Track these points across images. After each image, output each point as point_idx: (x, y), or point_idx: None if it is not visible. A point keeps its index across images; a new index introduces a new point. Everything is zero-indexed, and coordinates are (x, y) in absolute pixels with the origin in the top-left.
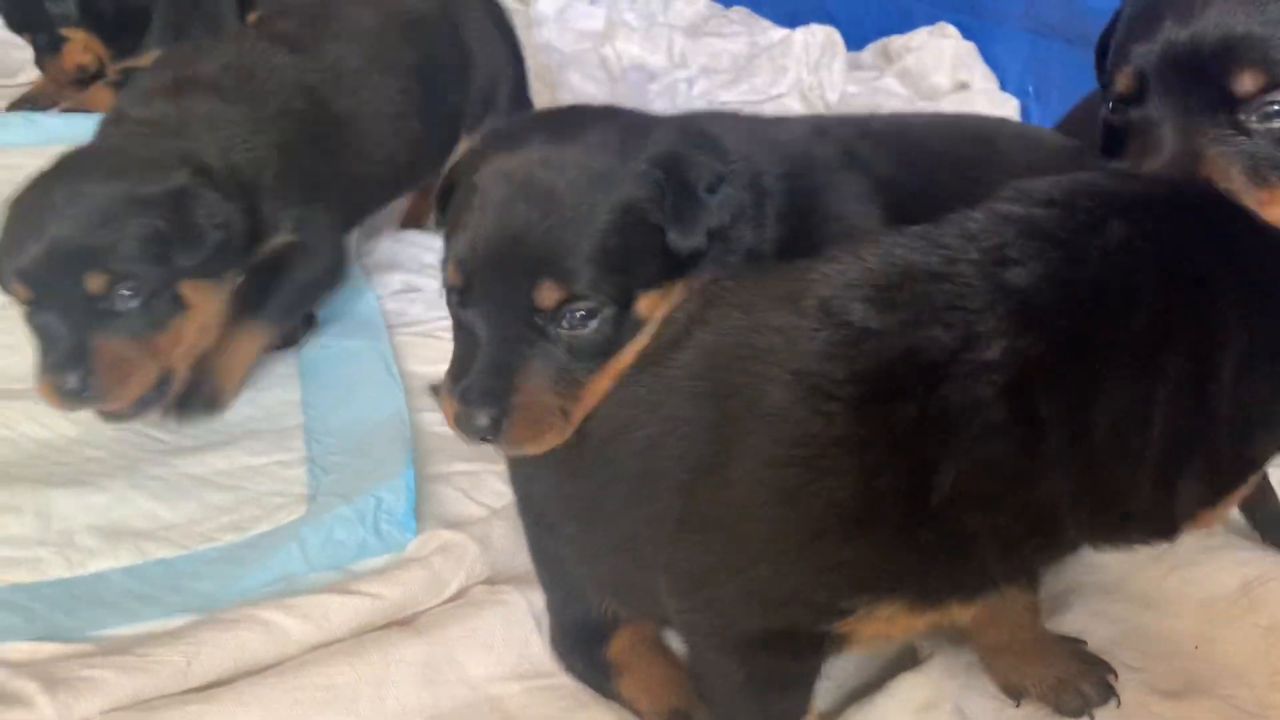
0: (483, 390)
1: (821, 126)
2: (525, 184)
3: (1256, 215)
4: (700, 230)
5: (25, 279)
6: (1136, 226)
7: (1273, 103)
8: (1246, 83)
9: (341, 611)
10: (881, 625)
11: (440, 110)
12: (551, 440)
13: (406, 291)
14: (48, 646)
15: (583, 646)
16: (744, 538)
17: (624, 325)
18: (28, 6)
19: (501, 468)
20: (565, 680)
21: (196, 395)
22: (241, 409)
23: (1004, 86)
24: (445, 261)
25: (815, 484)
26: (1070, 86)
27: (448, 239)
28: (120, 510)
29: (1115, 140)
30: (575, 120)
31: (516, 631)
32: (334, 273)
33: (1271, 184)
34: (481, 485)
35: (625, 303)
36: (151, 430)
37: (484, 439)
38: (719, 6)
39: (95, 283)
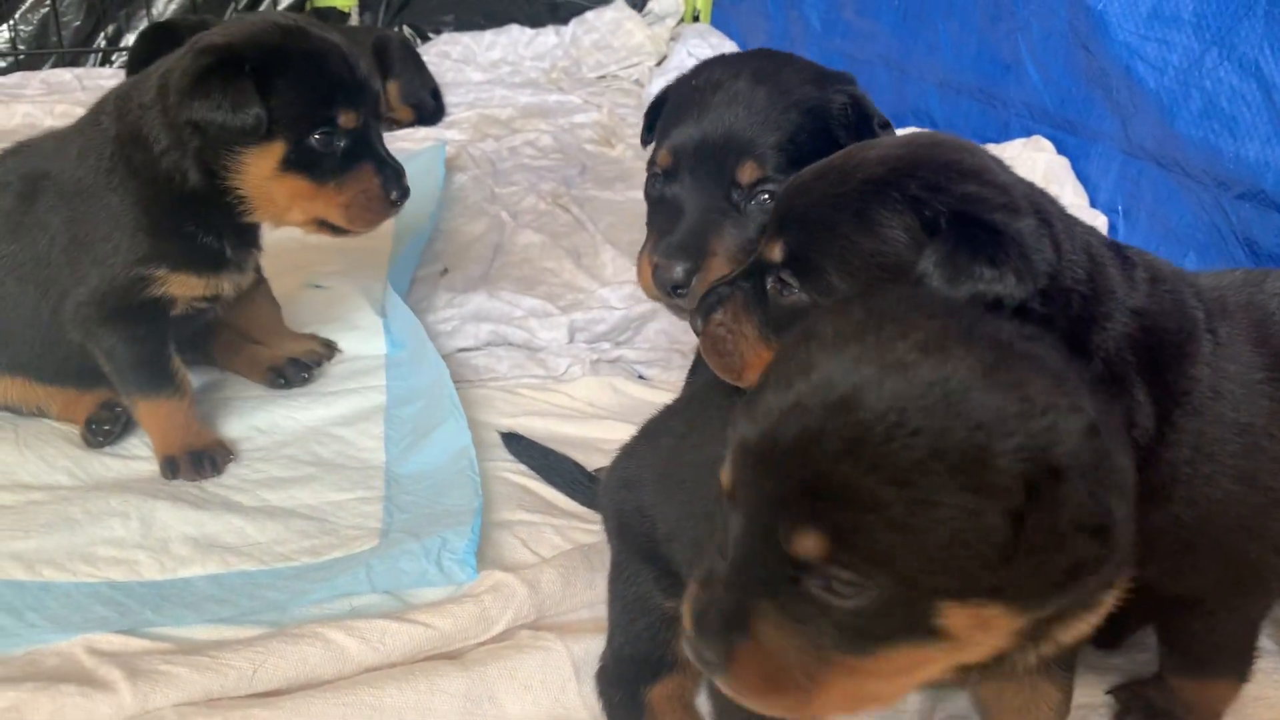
0: (681, 246)
1: None
2: (736, 91)
3: None
4: None
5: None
6: None
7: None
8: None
9: (397, 637)
10: None
11: None
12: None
13: (494, 345)
14: (136, 641)
15: (627, 681)
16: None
17: None
18: None
19: (560, 521)
20: None
21: None
22: (332, 445)
23: (1093, 203)
24: (654, 155)
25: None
26: (1159, 208)
27: (661, 135)
28: (214, 526)
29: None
30: (779, 56)
31: (555, 676)
32: None
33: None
34: (540, 537)
35: None
36: (244, 468)
37: (676, 290)
38: None
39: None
